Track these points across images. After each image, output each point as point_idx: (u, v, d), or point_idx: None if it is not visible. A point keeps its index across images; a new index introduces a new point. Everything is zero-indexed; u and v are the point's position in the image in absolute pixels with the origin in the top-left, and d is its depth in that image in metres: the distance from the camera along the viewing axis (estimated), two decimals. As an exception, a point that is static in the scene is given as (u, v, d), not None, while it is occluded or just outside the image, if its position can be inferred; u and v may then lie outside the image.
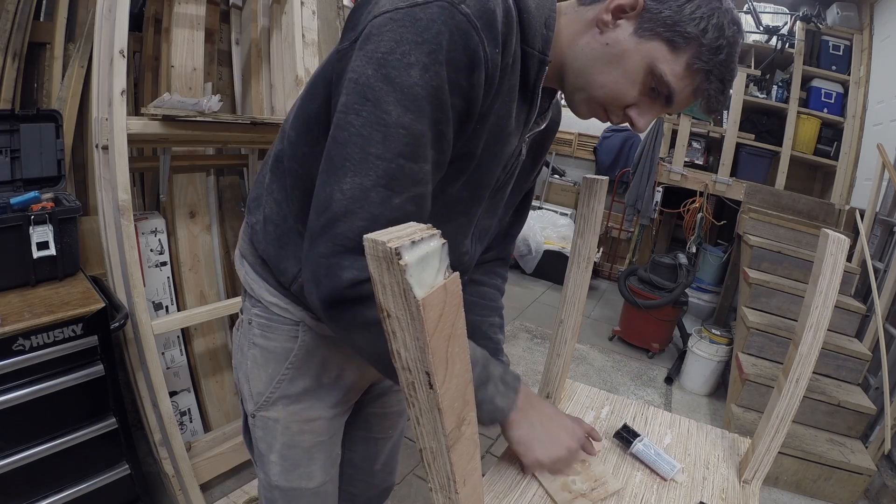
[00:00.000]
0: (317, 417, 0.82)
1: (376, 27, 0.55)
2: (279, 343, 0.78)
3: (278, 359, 0.78)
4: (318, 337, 0.78)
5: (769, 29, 3.71)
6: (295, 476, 0.84)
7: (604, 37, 0.64)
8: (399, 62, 0.53)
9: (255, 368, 0.80)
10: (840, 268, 0.72)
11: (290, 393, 0.79)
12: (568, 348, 0.99)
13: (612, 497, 0.79)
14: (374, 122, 0.54)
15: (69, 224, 1.30)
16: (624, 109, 0.67)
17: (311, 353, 0.78)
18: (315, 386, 0.80)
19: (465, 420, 0.43)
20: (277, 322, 0.77)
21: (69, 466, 1.26)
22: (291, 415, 0.80)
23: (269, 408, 0.80)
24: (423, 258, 0.33)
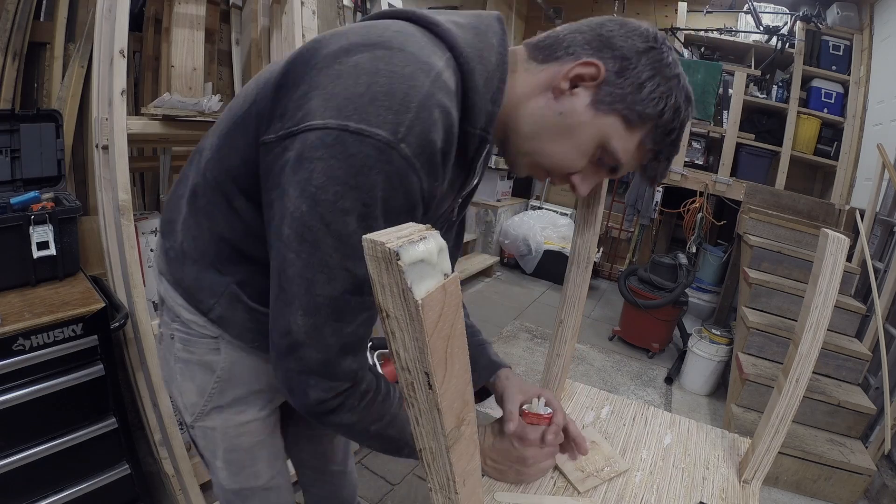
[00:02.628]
0: (251, 420, 0.82)
1: (308, 149, 0.51)
2: (202, 356, 0.77)
3: (205, 371, 0.77)
4: (240, 347, 0.76)
5: (769, 29, 3.71)
6: (242, 477, 0.85)
7: (558, 104, 0.61)
8: (333, 206, 0.51)
9: (183, 382, 0.79)
10: (840, 268, 0.72)
11: (222, 403, 0.79)
12: (568, 348, 0.99)
13: (621, 476, 0.83)
14: (315, 265, 0.54)
15: (69, 224, 1.30)
16: (568, 175, 0.66)
17: (237, 363, 0.77)
18: (245, 394, 0.80)
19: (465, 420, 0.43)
20: (198, 335, 0.76)
21: (69, 466, 1.26)
22: (226, 421, 0.80)
23: (204, 418, 0.80)
24: (422, 259, 0.33)
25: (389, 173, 0.51)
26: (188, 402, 0.80)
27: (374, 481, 1.86)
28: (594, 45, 0.60)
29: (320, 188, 0.51)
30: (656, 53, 0.60)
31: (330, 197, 0.51)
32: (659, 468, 0.88)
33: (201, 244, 0.71)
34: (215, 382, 0.77)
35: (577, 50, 0.61)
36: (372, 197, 0.52)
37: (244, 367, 0.78)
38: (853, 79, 3.59)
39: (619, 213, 4.75)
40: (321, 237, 0.52)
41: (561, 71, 0.61)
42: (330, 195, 0.51)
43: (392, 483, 1.87)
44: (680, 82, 0.61)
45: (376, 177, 0.51)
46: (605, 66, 0.59)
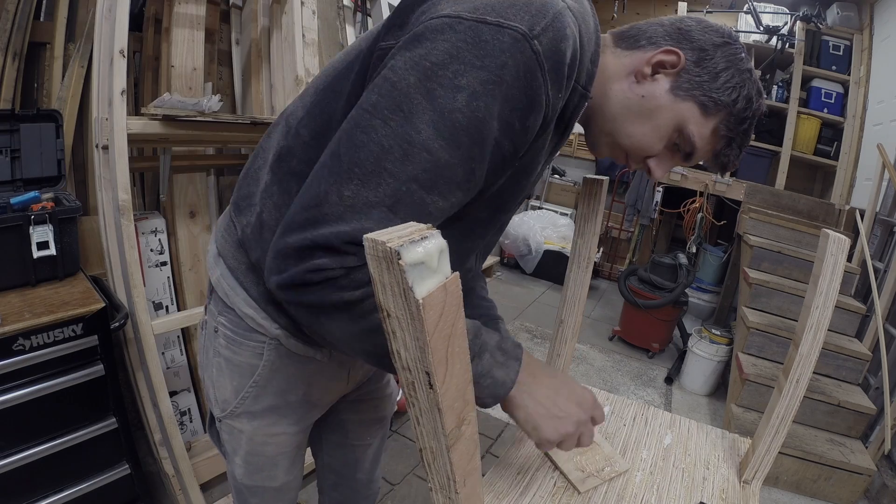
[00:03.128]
0: (281, 433, 0.82)
1: (431, 30, 0.50)
2: (244, 358, 0.75)
3: (243, 373, 0.76)
4: (285, 355, 0.75)
5: (769, 29, 3.71)
6: (259, 477, 0.86)
7: (640, 88, 0.64)
8: (448, 81, 0.48)
9: (220, 377, 0.78)
10: (840, 268, 0.72)
11: (255, 409, 0.78)
12: (568, 348, 0.99)
13: (621, 476, 0.82)
14: (399, 136, 0.49)
15: (69, 224, 1.30)
16: (645, 159, 0.68)
17: (276, 371, 0.76)
18: (280, 404, 0.79)
19: (465, 420, 0.43)
20: (244, 337, 0.73)
21: (69, 466, 1.26)
22: (256, 429, 0.80)
23: (234, 418, 0.80)
24: (424, 258, 0.33)
25: (519, 63, 0.49)
26: (220, 397, 0.79)
27: (374, 481, 1.86)
28: (674, 37, 0.63)
29: (438, 64, 0.48)
30: (731, 48, 0.63)
31: (448, 73, 0.48)
32: (659, 468, 0.88)
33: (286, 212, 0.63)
34: (251, 387, 0.76)
35: (658, 40, 0.64)
36: (498, 77, 0.49)
37: (284, 375, 0.76)
38: (853, 79, 3.59)
39: (619, 213, 4.75)
40: (419, 110, 0.49)
41: (644, 57, 0.64)
42: (449, 71, 0.48)
43: (392, 483, 1.87)
44: (752, 76, 0.64)
45: (506, 59, 0.49)
46: (684, 55, 0.62)
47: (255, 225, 0.68)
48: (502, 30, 0.49)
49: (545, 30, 0.51)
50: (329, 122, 0.62)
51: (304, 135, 0.65)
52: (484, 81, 0.49)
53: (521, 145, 0.57)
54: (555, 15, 0.52)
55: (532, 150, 0.61)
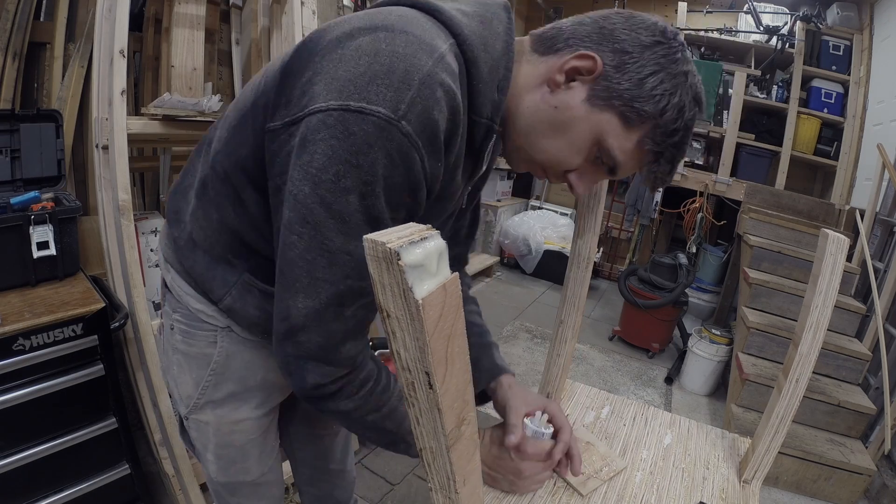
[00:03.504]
0: (245, 418, 0.81)
1: (311, 131, 0.51)
2: (200, 349, 0.76)
3: (200, 364, 0.77)
4: (238, 341, 0.76)
5: (769, 29, 3.71)
6: (232, 472, 0.85)
7: (553, 98, 0.59)
8: (334, 186, 0.51)
9: (180, 374, 0.79)
10: (840, 268, 0.72)
11: (216, 398, 0.79)
12: (568, 348, 0.99)
13: (621, 476, 0.83)
14: (317, 248, 0.53)
15: (69, 224, 1.30)
16: (564, 173, 0.64)
17: (232, 357, 0.77)
18: (240, 389, 0.79)
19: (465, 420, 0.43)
20: (198, 328, 0.75)
21: (69, 466, 1.26)
22: (220, 417, 0.80)
23: (198, 411, 0.80)
24: (423, 258, 0.33)
25: (390, 150, 0.50)
26: (184, 393, 0.80)
27: (374, 481, 1.86)
28: (594, 38, 0.58)
29: (321, 169, 0.51)
30: (663, 49, 0.57)
31: (331, 177, 0.50)
32: (659, 468, 0.88)
33: (211, 235, 0.70)
34: (210, 375, 0.77)
35: (576, 42, 0.59)
36: (373, 175, 0.51)
37: (240, 361, 0.77)
38: (853, 79, 3.59)
39: (619, 213, 4.75)
40: (323, 220, 0.52)
41: (557, 63, 0.59)
42: (331, 175, 0.50)
43: (392, 483, 1.87)
44: (687, 80, 0.58)
45: (377, 154, 0.50)
46: (602, 59, 0.57)
47: (187, 240, 0.72)
48: (366, 117, 0.49)
49: (411, 105, 0.50)
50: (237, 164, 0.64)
51: (219, 170, 0.67)
52: (365, 182, 0.51)
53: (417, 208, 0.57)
54: (421, 82, 0.50)
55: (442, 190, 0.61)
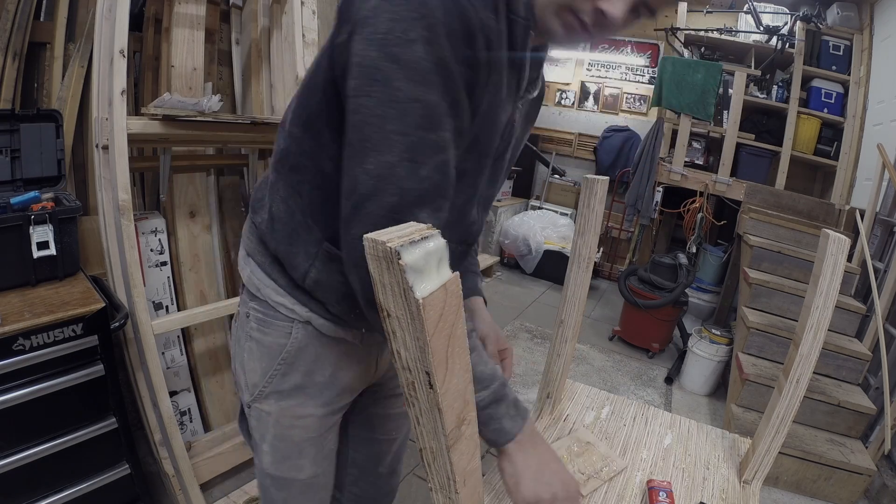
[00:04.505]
0: (307, 415, 0.82)
1: (370, 11, 0.55)
2: (274, 339, 0.78)
3: (272, 354, 0.79)
4: (313, 335, 0.78)
5: (769, 29, 3.71)
6: (285, 467, 0.85)
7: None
8: (400, 40, 0.53)
9: (250, 361, 0.81)
10: (840, 268, 0.72)
11: (282, 388, 0.79)
12: (568, 348, 0.99)
13: (621, 476, 0.83)
14: (387, 101, 0.54)
15: (69, 224, 1.30)
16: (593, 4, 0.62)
17: (303, 350, 0.78)
18: (306, 383, 0.80)
19: (465, 420, 0.43)
20: (274, 318, 0.77)
21: (69, 466, 1.26)
22: (282, 410, 0.81)
23: (262, 400, 0.81)
24: (423, 258, 0.33)
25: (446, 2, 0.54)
26: (251, 381, 0.81)
27: (374, 481, 1.86)
28: None
29: (387, 32, 0.54)
30: None
31: (397, 34, 0.54)
32: (659, 468, 0.88)
33: (291, 203, 0.72)
34: (279, 364, 0.78)
35: None
36: (434, 19, 0.54)
37: (311, 354, 0.78)
38: (853, 79, 3.59)
39: (619, 213, 4.75)
40: (391, 73, 0.54)
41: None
42: (397, 33, 0.54)
43: (392, 483, 1.87)
44: None
45: (434, 2, 0.54)
46: None
47: (267, 220, 0.75)
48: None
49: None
50: (310, 116, 0.68)
51: (295, 132, 0.71)
52: (427, 27, 0.54)
53: (477, 68, 0.59)
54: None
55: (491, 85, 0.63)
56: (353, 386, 0.87)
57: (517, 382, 2.80)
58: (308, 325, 0.77)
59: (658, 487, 0.79)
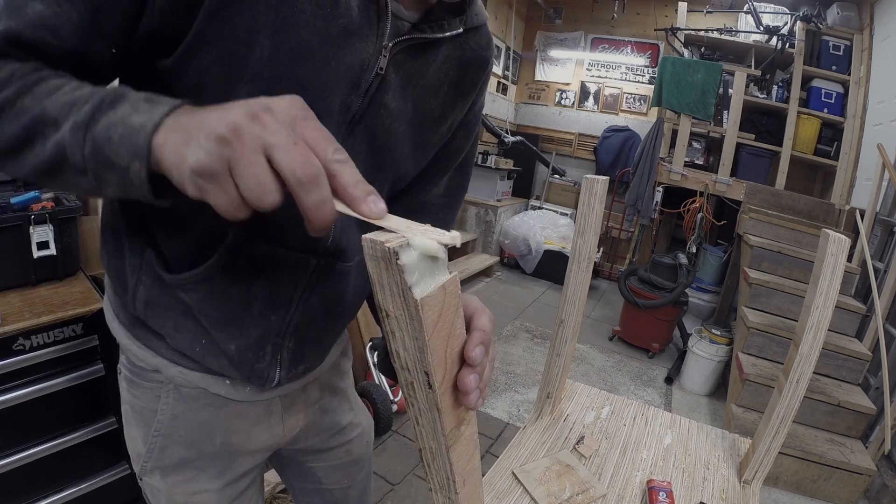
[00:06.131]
0: (202, 490, 0.68)
1: None
2: (144, 403, 0.64)
3: (146, 420, 0.65)
4: (189, 398, 0.63)
5: (769, 29, 3.71)
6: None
7: None
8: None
9: (128, 427, 0.68)
10: (840, 268, 0.72)
11: (165, 464, 0.66)
12: (568, 348, 0.99)
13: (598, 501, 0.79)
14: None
15: (69, 224, 1.30)
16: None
17: (179, 418, 0.63)
18: (193, 456, 0.66)
19: (465, 420, 0.43)
20: (141, 377, 0.63)
21: (69, 466, 1.26)
22: (172, 486, 0.67)
23: (148, 474, 0.67)
24: (422, 258, 0.33)
25: None
26: (133, 450, 0.68)
27: (375, 481, 1.86)
28: None
29: None
30: None
31: None
32: (659, 468, 0.88)
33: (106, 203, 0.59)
34: (154, 436, 0.65)
35: None
36: None
37: (191, 423, 0.64)
38: (853, 79, 3.59)
39: (619, 213, 4.75)
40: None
41: None
42: None
43: (392, 483, 1.87)
44: None
45: None
46: None
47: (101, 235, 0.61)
48: None
49: None
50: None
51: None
52: None
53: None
54: None
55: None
56: (253, 449, 0.71)
57: (517, 382, 2.80)
58: (182, 388, 0.62)
59: (658, 487, 0.79)
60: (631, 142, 4.79)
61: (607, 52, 5.02)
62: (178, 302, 0.57)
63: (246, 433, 0.68)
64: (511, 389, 2.72)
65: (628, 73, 4.99)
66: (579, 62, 5.17)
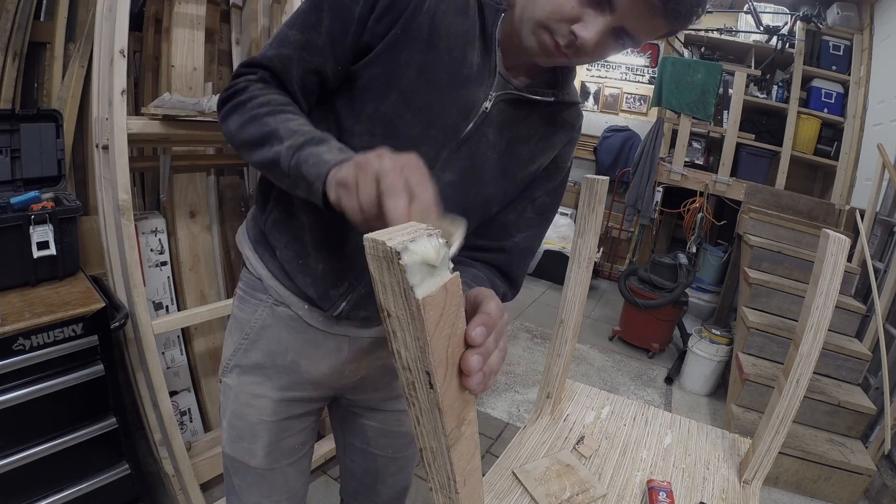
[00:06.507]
0: (263, 395, 0.81)
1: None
2: (245, 314, 0.82)
3: (242, 328, 0.82)
4: (279, 317, 0.79)
5: (769, 29, 3.71)
6: (239, 448, 0.85)
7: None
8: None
9: (228, 335, 0.85)
10: (840, 268, 0.72)
11: (244, 363, 0.82)
12: (568, 348, 0.99)
13: (598, 501, 0.79)
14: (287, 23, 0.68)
15: (69, 224, 1.30)
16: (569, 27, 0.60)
17: (267, 328, 0.80)
18: (267, 363, 0.81)
19: (466, 420, 0.43)
20: (249, 295, 0.81)
21: (69, 466, 1.26)
22: (241, 385, 0.82)
23: (227, 373, 0.83)
24: (423, 258, 0.33)
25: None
26: (225, 354, 0.84)
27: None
28: None
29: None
30: None
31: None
32: (659, 468, 0.88)
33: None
34: (243, 339, 0.81)
35: None
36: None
37: (273, 335, 0.80)
38: (853, 79, 3.59)
39: (619, 213, 4.75)
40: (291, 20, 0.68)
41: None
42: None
43: (392, 483, 1.87)
44: None
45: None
46: None
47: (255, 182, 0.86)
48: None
49: None
50: None
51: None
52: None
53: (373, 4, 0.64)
54: None
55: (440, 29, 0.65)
56: (317, 380, 0.83)
57: (517, 382, 2.80)
58: (273, 306, 0.79)
59: (658, 487, 0.79)
60: (631, 142, 4.79)
61: (607, 52, 5.02)
62: (296, 223, 0.74)
63: (313, 360, 0.81)
64: (511, 389, 2.72)
65: (628, 73, 4.99)
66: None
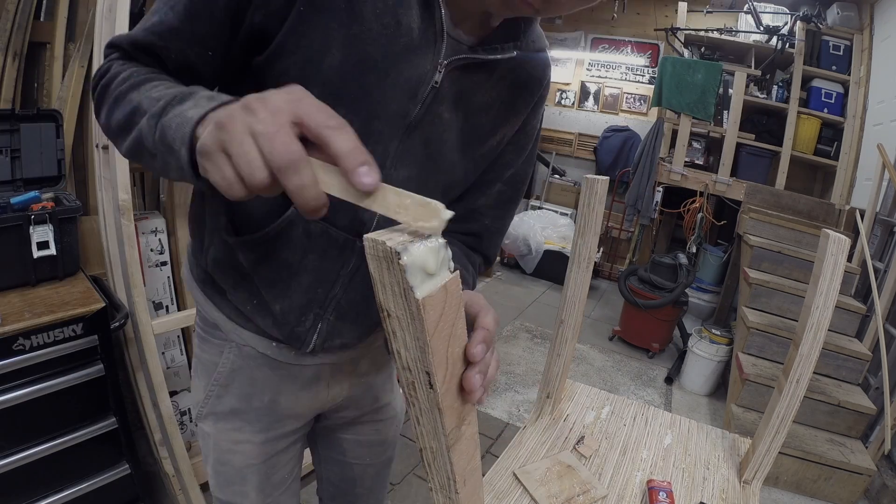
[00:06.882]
0: (245, 441, 0.77)
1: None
2: (209, 356, 0.76)
3: (208, 371, 0.76)
4: (248, 356, 0.73)
5: (769, 29, 3.71)
6: (229, 492, 0.81)
7: None
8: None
9: (195, 378, 0.80)
10: (840, 268, 0.72)
11: (218, 410, 0.76)
12: (568, 348, 0.99)
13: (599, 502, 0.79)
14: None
15: (69, 224, 1.30)
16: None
17: (238, 371, 0.74)
18: (244, 408, 0.75)
19: (466, 420, 0.43)
20: (209, 334, 0.75)
21: (69, 466, 1.26)
22: (220, 432, 0.77)
23: (202, 420, 0.78)
24: (423, 258, 0.33)
25: None
26: (195, 399, 0.80)
27: (374, 481, 1.87)
28: None
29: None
30: None
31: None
32: (659, 468, 0.88)
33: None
34: (213, 385, 0.76)
35: None
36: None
37: (247, 377, 0.74)
38: (853, 79, 3.59)
39: (619, 213, 4.75)
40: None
41: None
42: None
43: (392, 483, 1.87)
44: None
45: None
46: None
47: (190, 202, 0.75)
48: None
49: None
50: None
51: None
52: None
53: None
54: None
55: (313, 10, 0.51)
56: (298, 412, 0.80)
57: (517, 382, 2.80)
58: (243, 347, 0.72)
59: (658, 487, 0.79)
60: (631, 142, 4.79)
61: (607, 52, 5.02)
62: (237, 262, 0.65)
63: (293, 395, 0.76)
64: (511, 389, 2.72)
65: (628, 73, 4.99)
66: (579, 62, 5.16)
